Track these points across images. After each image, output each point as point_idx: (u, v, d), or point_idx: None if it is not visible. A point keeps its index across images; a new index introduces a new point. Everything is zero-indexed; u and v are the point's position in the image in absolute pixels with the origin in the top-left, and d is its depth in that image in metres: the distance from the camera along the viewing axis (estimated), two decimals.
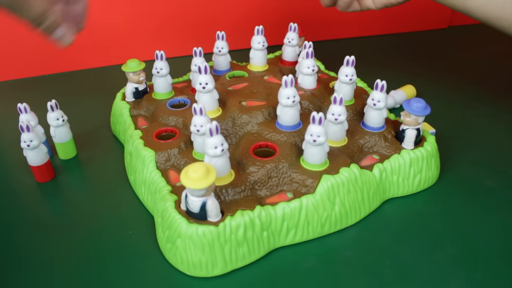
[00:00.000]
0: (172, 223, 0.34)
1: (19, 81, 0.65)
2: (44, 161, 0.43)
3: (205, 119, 0.37)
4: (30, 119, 0.44)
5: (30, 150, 0.42)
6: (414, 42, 0.77)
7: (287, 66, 0.55)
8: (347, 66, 0.44)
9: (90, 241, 0.37)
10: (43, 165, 0.43)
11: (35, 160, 0.42)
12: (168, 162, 0.40)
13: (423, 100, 0.40)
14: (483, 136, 0.51)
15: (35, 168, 0.43)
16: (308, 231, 0.36)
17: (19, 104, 0.44)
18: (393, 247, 0.36)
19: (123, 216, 0.40)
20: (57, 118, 0.45)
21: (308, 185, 0.37)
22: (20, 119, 0.44)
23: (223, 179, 0.36)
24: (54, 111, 0.45)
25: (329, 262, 0.35)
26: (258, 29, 0.52)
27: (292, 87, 0.40)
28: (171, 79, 0.49)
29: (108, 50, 0.68)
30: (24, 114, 0.44)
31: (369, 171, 0.39)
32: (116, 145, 0.50)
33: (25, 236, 0.38)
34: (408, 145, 0.41)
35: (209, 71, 0.42)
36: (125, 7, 0.65)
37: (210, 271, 0.33)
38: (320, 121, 0.35)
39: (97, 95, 0.59)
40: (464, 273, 0.34)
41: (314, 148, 0.37)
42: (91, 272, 0.34)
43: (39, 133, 0.45)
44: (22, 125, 0.40)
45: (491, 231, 0.38)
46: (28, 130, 0.41)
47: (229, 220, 0.33)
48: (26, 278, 0.34)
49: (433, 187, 0.43)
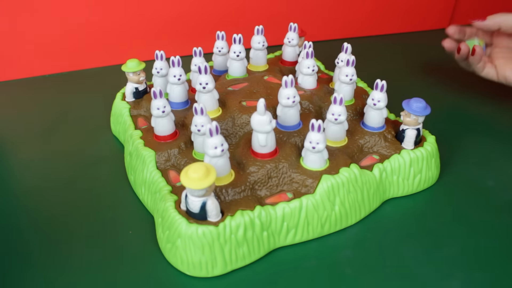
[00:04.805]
0: (172, 223, 0.34)
1: (19, 81, 0.65)
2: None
3: (206, 119, 0.37)
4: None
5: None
6: (414, 42, 0.77)
7: (287, 66, 0.55)
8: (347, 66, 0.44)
9: (90, 241, 0.37)
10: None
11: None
12: (168, 162, 0.40)
13: (423, 100, 0.40)
14: (483, 136, 0.51)
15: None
16: (308, 231, 0.36)
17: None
18: (393, 247, 0.36)
19: (123, 216, 0.40)
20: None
21: (308, 185, 0.37)
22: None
23: (223, 179, 0.36)
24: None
25: (329, 262, 0.35)
26: (258, 29, 0.51)
27: (292, 87, 0.40)
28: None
29: (108, 50, 0.68)
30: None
31: (369, 171, 0.39)
32: (116, 145, 0.50)
33: (25, 236, 0.38)
34: (408, 145, 0.41)
35: (209, 71, 0.42)
36: (125, 7, 0.65)
37: (210, 271, 0.33)
38: (319, 128, 0.36)
39: (97, 95, 0.59)
40: (464, 273, 0.34)
41: (313, 155, 0.37)
42: (91, 272, 0.34)
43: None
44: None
45: (491, 231, 0.38)
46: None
47: (229, 220, 0.33)
48: (26, 278, 0.34)
49: (433, 187, 0.43)
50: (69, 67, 0.67)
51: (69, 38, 0.65)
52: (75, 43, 0.66)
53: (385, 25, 0.80)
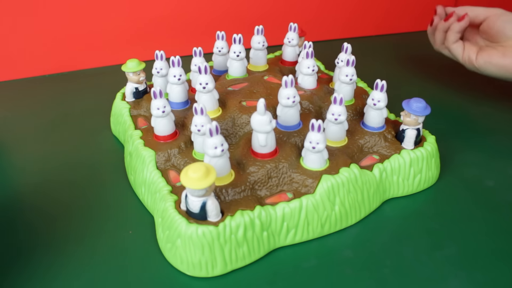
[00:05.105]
0: (172, 223, 0.34)
1: (19, 81, 0.65)
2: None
3: (206, 119, 0.37)
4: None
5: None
6: (414, 42, 0.77)
7: (287, 66, 0.55)
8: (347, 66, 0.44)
9: (90, 241, 0.37)
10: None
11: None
12: (168, 162, 0.40)
13: (423, 100, 0.40)
14: (483, 136, 0.51)
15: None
16: (308, 231, 0.36)
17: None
18: (393, 247, 0.36)
19: (123, 216, 0.40)
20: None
21: (308, 185, 0.37)
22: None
23: (223, 179, 0.36)
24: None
25: (329, 262, 0.35)
26: (258, 29, 0.51)
27: (292, 87, 0.40)
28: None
29: (108, 50, 0.68)
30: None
31: (369, 171, 0.39)
32: (116, 145, 0.50)
33: (25, 236, 0.38)
34: (408, 145, 0.41)
35: (209, 71, 0.42)
36: (125, 7, 0.66)
37: (210, 271, 0.33)
38: (319, 128, 0.36)
39: (97, 95, 0.59)
40: (463, 273, 0.34)
41: (313, 155, 0.37)
42: (91, 272, 0.34)
43: None
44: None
45: (491, 231, 0.38)
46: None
47: (229, 220, 0.33)
48: (26, 278, 0.34)
49: (433, 187, 0.43)
50: (69, 67, 0.67)
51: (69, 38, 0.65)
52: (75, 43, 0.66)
53: (385, 25, 0.80)
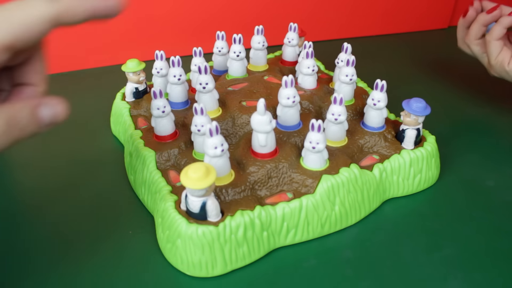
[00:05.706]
0: (172, 223, 0.34)
1: None
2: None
3: (206, 119, 0.37)
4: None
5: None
6: (414, 42, 0.77)
7: (287, 66, 0.55)
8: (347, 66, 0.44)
9: (90, 241, 0.37)
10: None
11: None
12: (168, 162, 0.40)
13: (423, 100, 0.40)
14: (483, 136, 0.51)
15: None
16: (308, 231, 0.36)
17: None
18: (393, 247, 0.36)
19: (123, 216, 0.40)
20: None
21: (308, 185, 0.37)
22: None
23: (223, 179, 0.36)
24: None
25: (329, 262, 0.35)
26: (258, 29, 0.51)
27: (292, 87, 0.40)
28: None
29: (108, 50, 0.68)
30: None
31: (369, 171, 0.39)
32: (116, 145, 0.50)
33: (24, 236, 0.38)
34: (408, 145, 0.41)
35: (209, 71, 0.42)
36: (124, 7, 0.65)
37: (210, 271, 0.33)
38: (319, 128, 0.36)
39: (97, 95, 0.59)
40: (463, 274, 0.34)
41: (313, 155, 0.37)
42: (91, 272, 0.34)
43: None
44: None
45: (491, 231, 0.38)
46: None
47: (229, 220, 0.33)
48: (26, 278, 0.34)
49: (433, 187, 0.43)
50: (69, 67, 0.67)
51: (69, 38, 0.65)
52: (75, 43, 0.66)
53: (385, 25, 0.80)
